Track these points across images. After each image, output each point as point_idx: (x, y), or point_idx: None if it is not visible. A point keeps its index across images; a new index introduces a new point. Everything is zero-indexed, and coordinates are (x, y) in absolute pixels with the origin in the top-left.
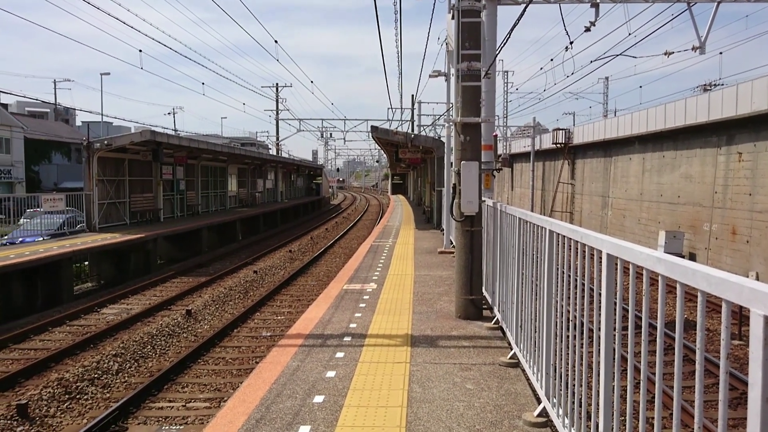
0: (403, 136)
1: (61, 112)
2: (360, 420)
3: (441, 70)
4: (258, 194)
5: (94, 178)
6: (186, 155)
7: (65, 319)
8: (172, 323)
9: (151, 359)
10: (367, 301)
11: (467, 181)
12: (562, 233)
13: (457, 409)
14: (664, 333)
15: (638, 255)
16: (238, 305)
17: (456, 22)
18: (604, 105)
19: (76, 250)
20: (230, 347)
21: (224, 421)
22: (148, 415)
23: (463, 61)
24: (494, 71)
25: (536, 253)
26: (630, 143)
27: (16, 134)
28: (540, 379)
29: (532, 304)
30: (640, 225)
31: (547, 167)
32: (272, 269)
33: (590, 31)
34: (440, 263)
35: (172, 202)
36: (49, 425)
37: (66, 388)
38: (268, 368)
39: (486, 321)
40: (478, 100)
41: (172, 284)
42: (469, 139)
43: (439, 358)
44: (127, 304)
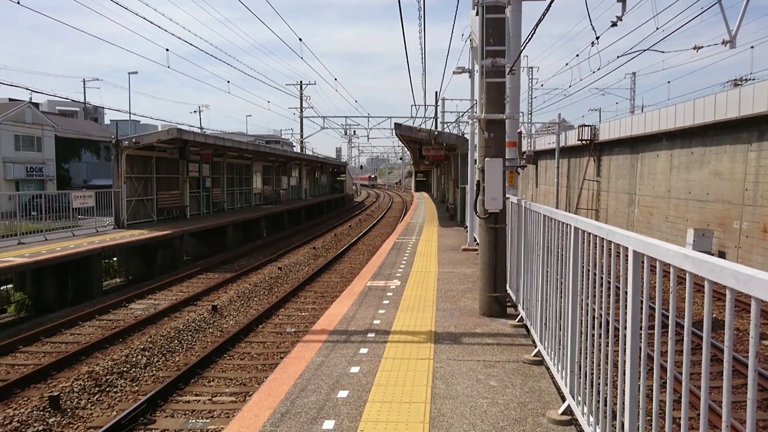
0: (426, 133)
1: (90, 111)
2: (384, 415)
3: (465, 67)
4: (282, 191)
5: (123, 176)
6: (212, 153)
7: (95, 313)
8: (199, 318)
9: (178, 354)
10: (390, 298)
11: (491, 178)
12: (588, 230)
13: (481, 405)
14: (692, 332)
15: (665, 252)
16: (262, 301)
17: (480, 18)
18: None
19: (105, 246)
20: (255, 342)
21: (250, 414)
22: (175, 409)
23: (488, 58)
24: (519, 67)
25: (561, 250)
26: (657, 139)
27: (47, 133)
28: (565, 377)
29: (556, 301)
30: (667, 223)
31: (573, 164)
32: (296, 266)
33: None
34: (464, 260)
35: (198, 199)
36: (80, 417)
37: (96, 380)
38: (292, 363)
39: (510, 318)
40: (502, 97)
41: (198, 280)
42: (493, 135)
43: (462, 355)
44: (154, 300)
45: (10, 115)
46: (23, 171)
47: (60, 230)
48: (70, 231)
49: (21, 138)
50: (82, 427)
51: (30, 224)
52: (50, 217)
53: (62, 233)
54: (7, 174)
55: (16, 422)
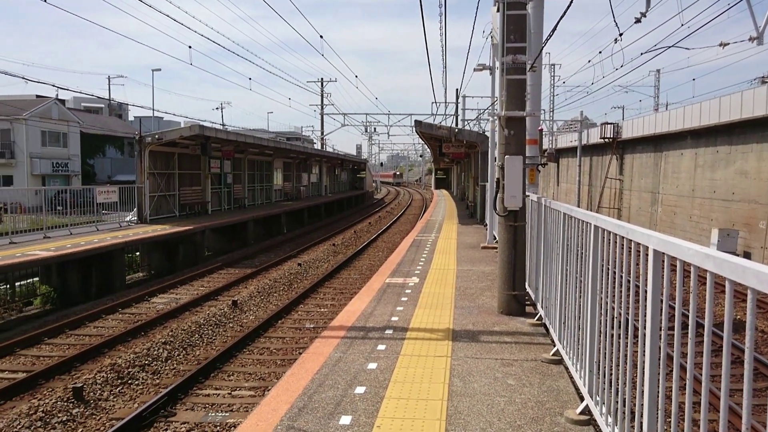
0: (446, 131)
1: (114, 108)
2: (401, 412)
3: (486, 64)
4: (303, 188)
5: (146, 172)
6: (233, 149)
7: (118, 307)
8: (219, 313)
9: (199, 347)
10: (409, 295)
11: (511, 175)
12: (608, 228)
13: (498, 404)
14: (713, 332)
15: (686, 251)
16: (282, 297)
17: (501, 14)
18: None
19: (128, 241)
20: (274, 338)
21: (268, 409)
22: (195, 402)
23: (508, 54)
24: (540, 64)
25: (581, 248)
26: (682, 138)
27: (72, 129)
28: (583, 376)
29: (575, 300)
30: (691, 222)
31: (595, 162)
32: (316, 262)
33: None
34: (483, 258)
35: (220, 195)
36: (103, 408)
37: (118, 373)
38: (310, 359)
39: (529, 317)
40: (523, 94)
41: (219, 275)
42: (513, 133)
43: (480, 353)
44: (176, 294)
45: (37, 111)
46: (49, 166)
47: (84, 225)
48: (94, 225)
49: (47, 134)
50: (104, 419)
51: (55, 219)
52: (75, 211)
53: (86, 228)
54: (33, 169)
55: (41, 412)
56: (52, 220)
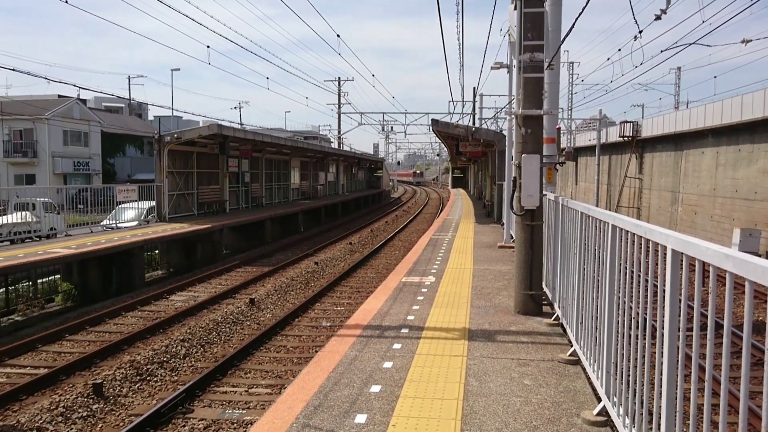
0: (463, 130)
1: (134, 107)
2: (416, 411)
3: (503, 62)
4: (320, 187)
5: (165, 170)
6: (251, 148)
7: (137, 304)
8: (237, 311)
9: (217, 345)
10: (425, 294)
11: (528, 174)
12: (626, 228)
13: (514, 404)
14: (732, 333)
15: (705, 251)
16: (299, 295)
17: (518, 12)
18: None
19: (147, 239)
20: (291, 336)
21: (284, 407)
22: (213, 399)
23: (526, 52)
24: (558, 62)
25: (598, 248)
26: (703, 136)
27: (93, 128)
28: (600, 377)
29: (593, 300)
30: (712, 222)
31: (614, 161)
32: (333, 261)
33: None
34: (500, 258)
35: (238, 194)
36: (122, 404)
37: (137, 369)
38: (326, 357)
39: (546, 317)
40: (540, 92)
41: (236, 273)
42: (530, 131)
43: (496, 353)
44: (194, 292)
45: (59, 111)
46: (71, 165)
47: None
48: (114, 224)
49: (69, 133)
50: (123, 415)
51: (76, 217)
52: (96, 210)
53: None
54: (55, 168)
55: (61, 407)
56: (73, 218)
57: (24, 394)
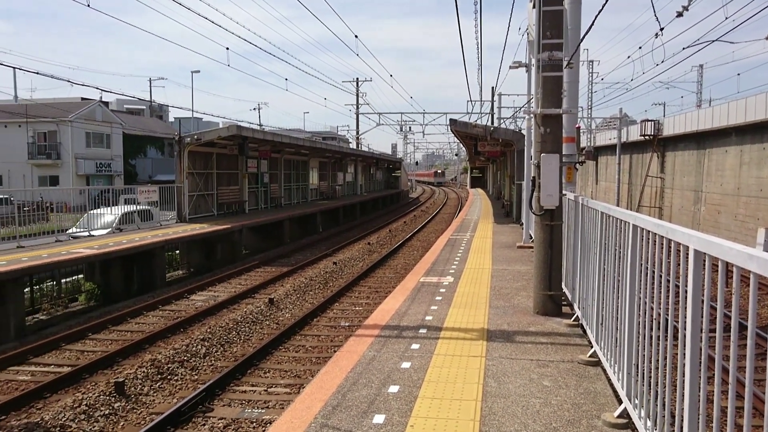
0: (482, 129)
1: (155, 109)
2: (434, 411)
3: (522, 61)
4: (338, 187)
5: (185, 171)
6: (270, 149)
7: (158, 304)
8: (256, 311)
9: (236, 344)
10: (443, 294)
11: (547, 174)
12: (647, 228)
13: (533, 405)
14: (756, 335)
15: (728, 251)
16: (318, 295)
17: (537, 10)
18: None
19: (168, 240)
20: (310, 335)
21: (302, 406)
22: (232, 398)
23: (544, 51)
24: (578, 61)
25: (619, 248)
26: (726, 134)
27: (115, 130)
28: (621, 378)
29: (613, 301)
30: (736, 222)
31: (635, 160)
32: (351, 261)
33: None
34: (519, 258)
35: (257, 195)
36: (143, 403)
37: (158, 368)
38: (345, 357)
39: (565, 317)
40: (559, 91)
41: (256, 273)
42: (549, 131)
43: (515, 354)
44: (214, 292)
45: (81, 113)
46: (93, 167)
47: (126, 223)
48: (135, 225)
49: (91, 135)
50: (145, 413)
51: None
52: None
53: (128, 226)
54: (78, 169)
55: (84, 405)
56: None
57: (48, 392)
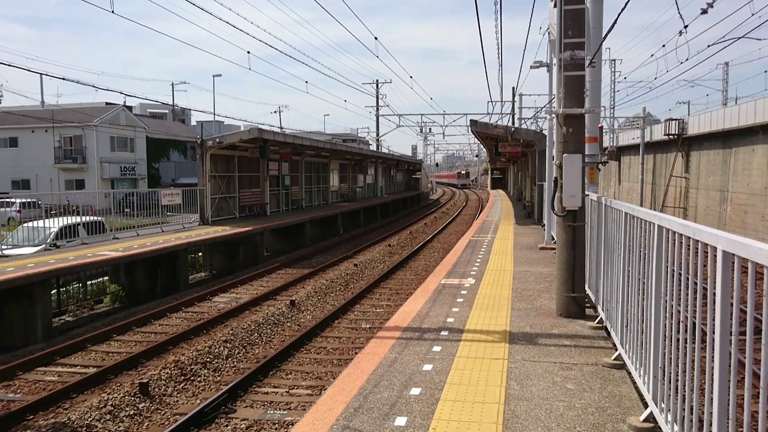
0: (503, 130)
1: (178, 113)
2: (456, 414)
3: (543, 61)
4: (359, 189)
5: (207, 174)
6: (291, 152)
7: (181, 305)
8: (277, 313)
9: (258, 346)
10: (464, 296)
11: (569, 174)
12: (673, 228)
13: (557, 408)
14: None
15: (758, 252)
16: (339, 297)
17: (558, 9)
18: (724, 92)
19: (191, 242)
20: (331, 337)
21: (324, 408)
22: (254, 399)
23: (566, 50)
24: (600, 60)
25: (643, 249)
26: (753, 133)
27: (139, 134)
28: (647, 382)
29: (638, 303)
30: (764, 222)
31: (658, 160)
32: (372, 263)
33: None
34: (541, 259)
35: (278, 197)
36: (167, 403)
37: (182, 369)
38: (366, 359)
39: (589, 320)
40: (581, 91)
41: (277, 275)
42: (571, 131)
43: (538, 356)
44: (236, 294)
45: (106, 118)
46: (118, 170)
47: (150, 226)
48: (159, 227)
49: (116, 139)
50: (168, 413)
51: (123, 220)
52: (141, 213)
53: (152, 229)
54: (103, 173)
55: (110, 406)
56: (120, 222)
57: (74, 393)
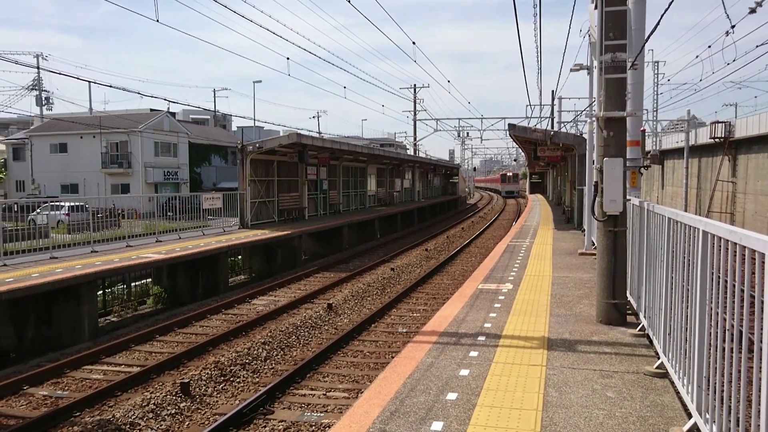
0: (541, 134)
1: (219, 118)
2: (493, 420)
3: (583, 63)
4: (396, 193)
5: (247, 179)
6: (329, 156)
7: (221, 307)
8: (315, 316)
9: (296, 348)
10: (502, 302)
11: (610, 178)
12: (718, 234)
13: (597, 417)
14: None
15: None
16: (375, 301)
17: (599, 11)
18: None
19: (231, 245)
20: (368, 341)
21: (361, 411)
22: (292, 401)
23: (607, 53)
24: (642, 62)
25: (688, 255)
26: None
27: (181, 139)
28: (691, 392)
29: (682, 310)
30: None
31: (704, 164)
32: (408, 267)
33: (756, 13)
34: (580, 265)
35: (316, 201)
36: (207, 403)
37: (221, 370)
38: (403, 363)
39: (630, 327)
40: (623, 93)
41: (315, 279)
42: (612, 134)
43: (577, 363)
44: (274, 296)
45: (150, 124)
46: (161, 175)
47: (192, 229)
48: (200, 230)
49: (159, 145)
50: (209, 413)
51: (166, 224)
52: (183, 217)
53: (194, 232)
54: (147, 178)
55: (152, 404)
56: (163, 225)
57: (119, 391)
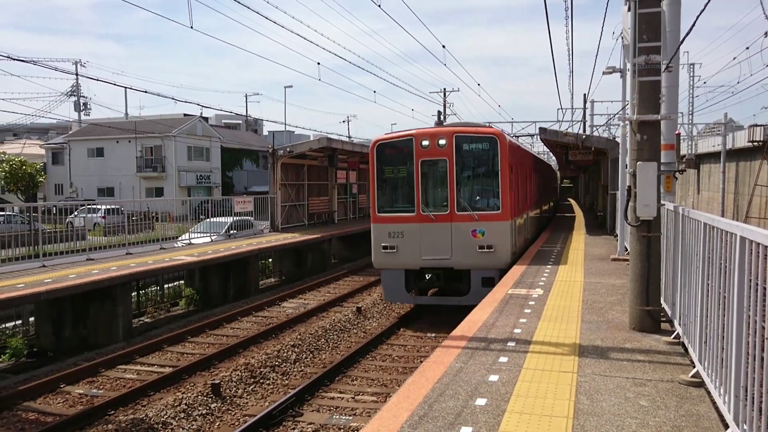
0: (573, 137)
1: (251, 123)
2: (523, 427)
3: (616, 66)
4: None
5: (278, 183)
6: (358, 160)
7: (252, 310)
8: (344, 319)
9: (325, 351)
10: (532, 307)
11: (644, 183)
12: (757, 240)
13: (629, 425)
14: None
15: None
16: (404, 305)
17: (632, 13)
18: None
19: (262, 248)
20: (396, 345)
21: (389, 415)
22: (321, 404)
23: (640, 55)
24: (677, 64)
25: (724, 262)
26: None
27: (214, 144)
28: (727, 401)
29: (719, 318)
30: None
31: (742, 168)
32: None
33: None
34: (613, 271)
35: (345, 205)
36: (237, 404)
37: (251, 372)
38: (431, 367)
39: (664, 334)
40: (657, 96)
41: (344, 282)
42: (646, 138)
43: (609, 371)
44: (304, 299)
45: (184, 128)
46: (194, 179)
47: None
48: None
49: (192, 149)
50: (239, 414)
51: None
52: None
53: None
54: (181, 181)
55: (184, 404)
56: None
57: (151, 391)
